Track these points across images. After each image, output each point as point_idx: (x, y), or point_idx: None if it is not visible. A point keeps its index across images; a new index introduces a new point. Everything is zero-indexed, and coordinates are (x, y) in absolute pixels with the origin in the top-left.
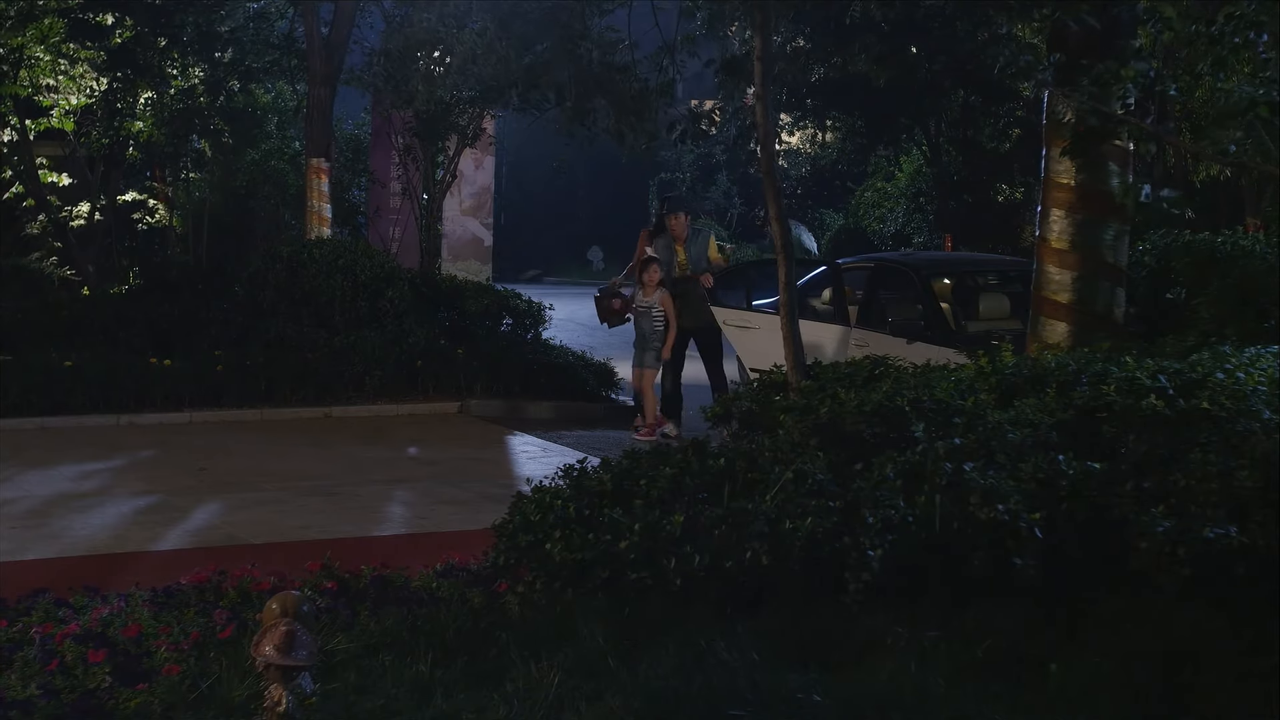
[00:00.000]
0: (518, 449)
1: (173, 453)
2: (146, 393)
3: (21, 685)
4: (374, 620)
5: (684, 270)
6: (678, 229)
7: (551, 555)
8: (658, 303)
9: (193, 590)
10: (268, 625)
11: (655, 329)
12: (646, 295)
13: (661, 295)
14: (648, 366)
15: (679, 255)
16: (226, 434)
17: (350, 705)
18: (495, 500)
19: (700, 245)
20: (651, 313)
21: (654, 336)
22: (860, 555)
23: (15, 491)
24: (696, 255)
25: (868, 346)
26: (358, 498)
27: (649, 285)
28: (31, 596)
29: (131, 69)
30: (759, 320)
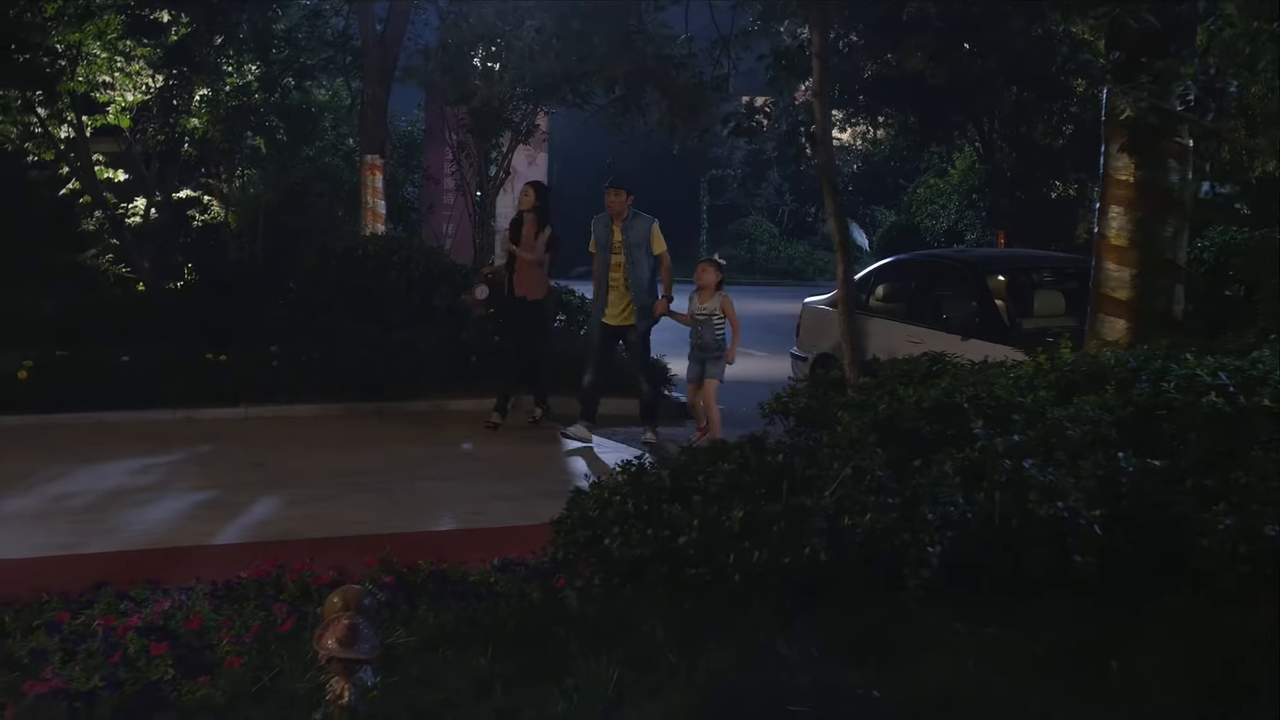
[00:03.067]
0: (572, 444)
1: (229, 448)
2: (202, 388)
3: (85, 677)
4: (433, 614)
5: (619, 252)
6: (615, 205)
7: (610, 551)
8: (717, 309)
9: (252, 584)
10: (330, 619)
11: (717, 336)
12: (704, 300)
13: (722, 300)
14: (711, 376)
15: (615, 235)
16: (282, 429)
17: (413, 699)
18: (549, 496)
19: (640, 231)
20: (712, 320)
21: (715, 345)
22: (920, 551)
23: (74, 486)
24: (635, 240)
25: (922, 343)
26: (412, 493)
27: (706, 289)
28: (93, 589)
29: (187, 66)
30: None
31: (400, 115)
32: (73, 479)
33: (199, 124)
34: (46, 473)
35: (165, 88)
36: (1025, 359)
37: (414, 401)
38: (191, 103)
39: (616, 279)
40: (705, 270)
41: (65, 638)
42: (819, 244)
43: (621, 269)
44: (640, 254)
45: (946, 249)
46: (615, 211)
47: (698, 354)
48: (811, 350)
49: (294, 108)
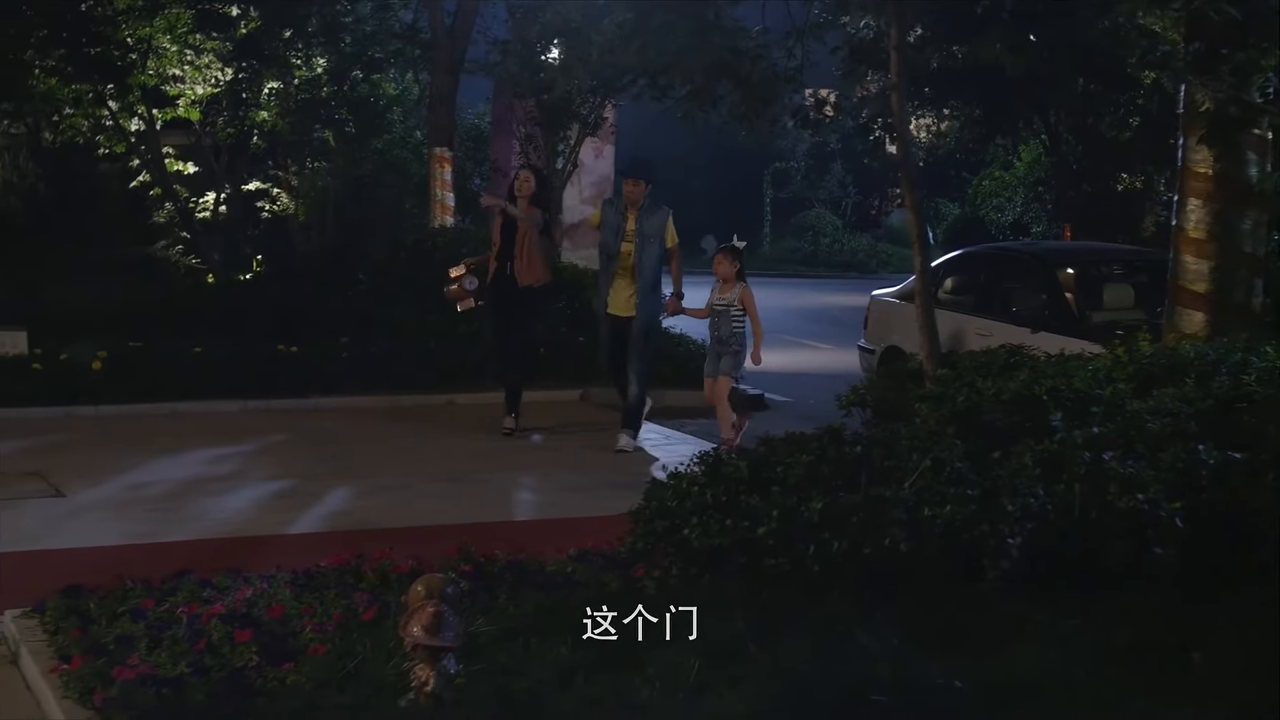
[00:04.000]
0: (641, 436)
1: (301, 438)
2: (273, 379)
3: (172, 663)
4: (512, 604)
5: (630, 240)
6: (633, 195)
7: (689, 541)
8: (736, 300)
9: (332, 573)
10: (415, 607)
11: (735, 330)
12: (723, 292)
13: (741, 290)
14: (724, 373)
15: (628, 223)
16: (352, 420)
17: (499, 686)
18: (619, 487)
19: (657, 222)
20: (730, 312)
21: (733, 339)
22: (999, 543)
23: (150, 476)
24: (650, 231)
25: (991, 336)
26: (483, 484)
27: (725, 280)
28: (175, 577)
29: (256, 59)
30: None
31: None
32: (149, 468)
33: (268, 117)
34: (123, 462)
35: (235, 81)
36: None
37: (483, 393)
38: (261, 96)
39: (625, 267)
40: (721, 261)
41: (150, 624)
42: (882, 237)
43: (630, 257)
44: (653, 245)
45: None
46: (633, 201)
47: (715, 347)
48: (879, 343)
49: (362, 100)
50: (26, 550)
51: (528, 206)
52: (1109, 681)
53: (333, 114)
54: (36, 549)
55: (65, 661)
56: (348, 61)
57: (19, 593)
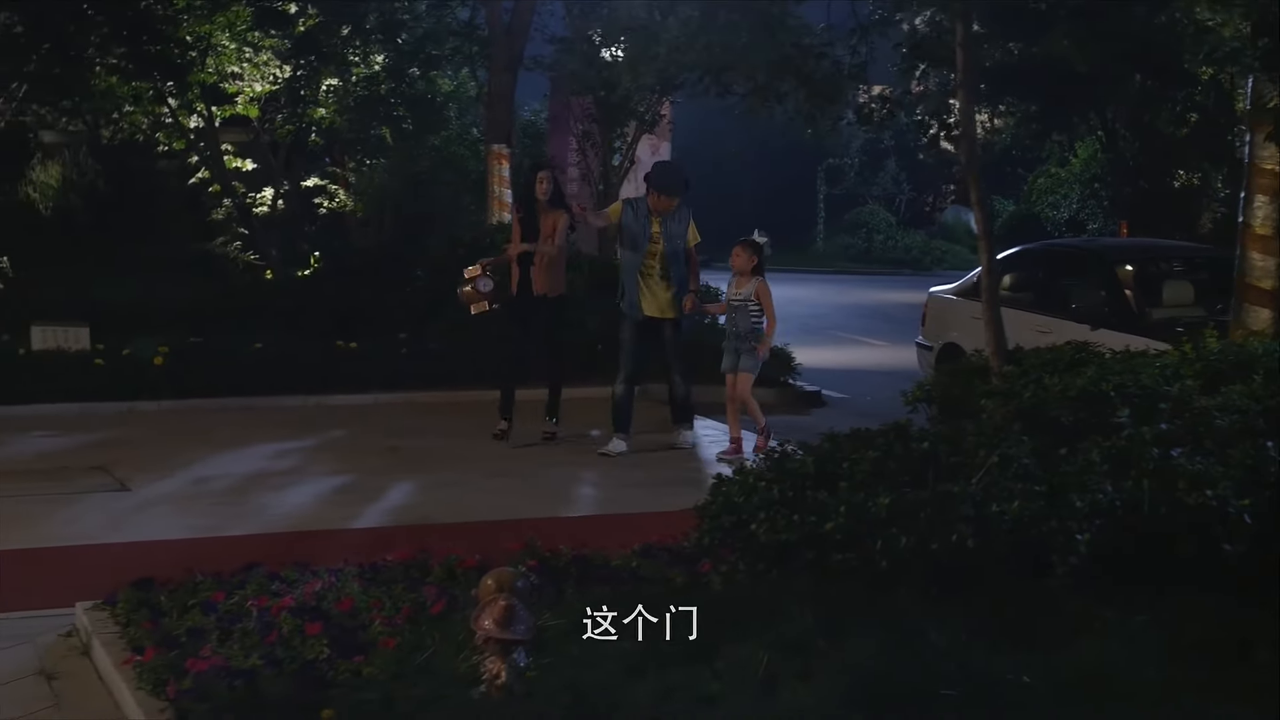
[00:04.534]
0: (699, 432)
1: (360, 434)
2: (332, 375)
3: (244, 655)
4: (579, 598)
5: (658, 243)
6: (663, 209)
7: (756, 536)
8: (752, 294)
9: (399, 567)
10: (486, 600)
11: (754, 326)
12: (739, 286)
13: (757, 285)
14: (744, 370)
15: (654, 227)
16: (411, 416)
17: (571, 679)
18: (678, 483)
19: (681, 222)
20: (747, 306)
21: (751, 335)
22: (1068, 539)
23: (212, 470)
24: (676, 232)
25: (1050, 333)
26: (543, 479)
27: (741, 273)
28: (244, 570)
29: (315, 56)
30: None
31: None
32: (211, 463)
33: (326, 114)
34: (185, 456)
35: (293, 78)
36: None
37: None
38: (319, 93)
39: (652, 269)
40: (738, 254)
41: (221, 617)
42: (936, 233)
43: (659, 259)
44: (680, 246)
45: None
46: (659, 210)
47: (732, 343)
48: (937, 340)
49: (419, 97)
50: (94, 544)
51: (547, 208)
52: (1178, 678)
53: (390, 111)
54: (104, 542)
55: (138, 653)
56: (405, 59)
57: (89, 585)
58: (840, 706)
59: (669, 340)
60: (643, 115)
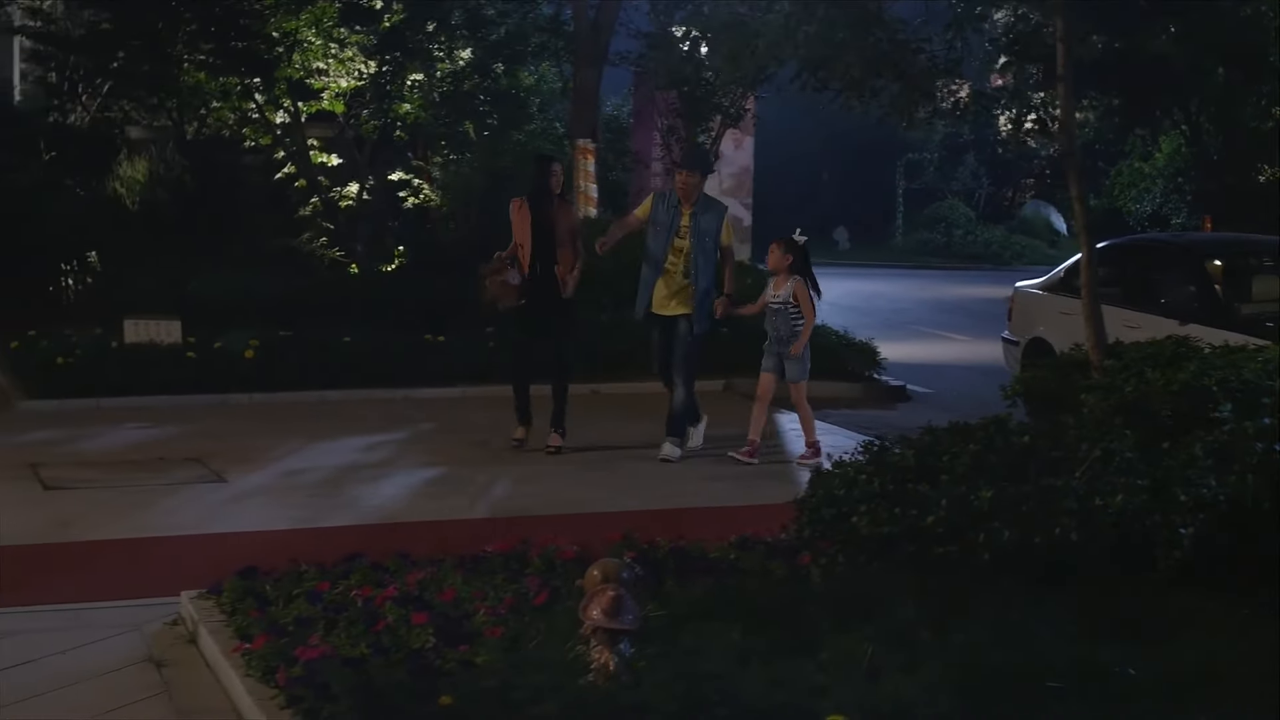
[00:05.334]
0: (785, 426)
1: (449, 427)
2: (420, 368)
3: (351, 643)
4: (680, 589)
5: (685, 238)
6: (688, 188)
7: (858, 529)
8: (791, 295)
9: (499, 558)
10: (593, 591)
11: (795, 329)
12: (777, 287)
13: (795, 285)
14: (791, 379)
15: (683, 219)
16: (500, 409)
17: (683, 668)
18: (768, 476)
19: (713, 219)
20: (787, 310)
21: (793, 338)
22: (1171, 533)
23: (305, 462)
24: (706, 227)
25: (1139, 328)
26: (632, 472)
27: (779, 273)
28: (346, 561)
29: (400, 52)
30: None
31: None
32: (304, 455)
33: (410, 109)
34: (279, 449)
35: (378, 74)
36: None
37: (627, 382)
38: (404, 88)
39: (675, 265)
40: (773, 251)
41: (326, 606)
42: (1015, 228)
43: (683, 256)
44: (708, 243)
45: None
46: (687, 195)
47: (774, 347)
48: (1023, 335)
49: (504, 93)
50: (194, 534)
51: (560, 202)
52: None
53: (476, 106)
54: (203, 533)
55: (245, 641)
56: (490, 54)
57: (191, 575)
58: (947, 698)
59: (679, 339)
60: (727, 109)
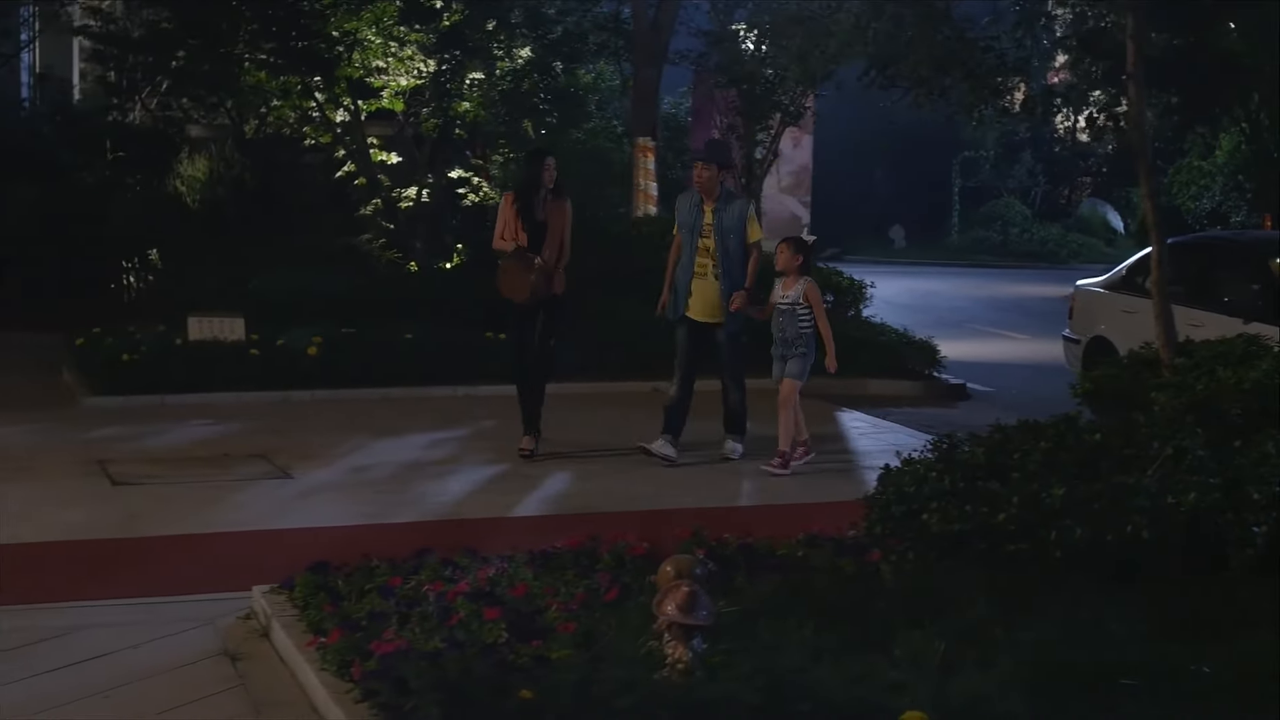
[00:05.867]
0: (847, 424)
1: (511, 423)
2: (480, 366)
3: (425, 638)
4: (749, 586)
5: (709, 236)
6: (705, 182)
7: (928, 526)
8: (800, 297)
9: (569, 554)
10: (668, 586)
11: (802, 331)
12: (785, 288)
13: (805, 286)
14: (789, 376)
15: (705, 216)
16: (560, 407)
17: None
18: (831, 474)
19: (735, 214)
20: (796, 311)
21: (800, 341)
22: (1244, 530)
23: (371, 459)
24: (729, 223)
25: (1202, 326)
26: (694, 469)
27: (788, 274)
28: (416, 556)
29: (460, 50)
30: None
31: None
32: (369, 451)
33: (470, 107)
34: (343, 446)
35: (438, 72)
36: None
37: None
38: (463, 87)
39: (705, 266)
40: (782, 252)
41: (399, 601)
42: (1072, 226)
43: (711, 255)
44: (733, 240)
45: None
46: (705, 189)
47: (779, 349)
48: (1085, 333)
49: (562, 91)
50: (263, 529)
51: (551, 199)
52: None
53: (535, 105)
54: (272, 528)
55: (319, 635)
56: (550, 53)
57: (260, 569)
58: (1021, 695)
59: (720, 345)
60: (787, 108)
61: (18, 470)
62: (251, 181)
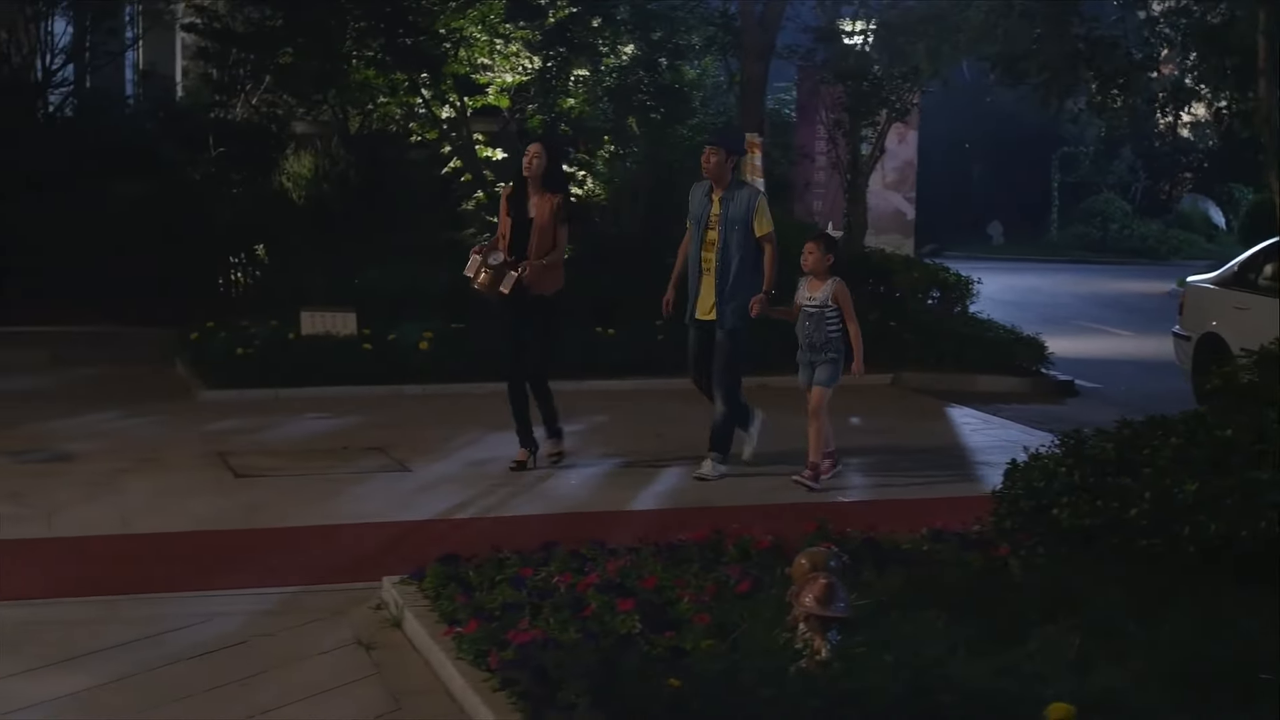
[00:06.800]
0: (958, 421)
1: (624, 418)
2: (591, 360)
3: (560, 629)
4: (878, 579)
5: (714, 229)
6: (711, 167)
7: (1059, 521)
8: (829, 299)
9: (695, 547)
10: (805, 579)
11: (830, 335)
12: (812, 289)
13: (835, 287)
14: (818, 384)
15: (713, 206)
16: (672, 401)
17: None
18: (947, 469)
19: (743, 204)
20: (824, 314)
21: (829, 346)
22: None
23: (485, 452)
24: (735, 214)
25: None
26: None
27: (815, 275)
28: (544, 548)
29: (565, 47)
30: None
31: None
32: (483, 445)
33: (575, 103)
34: (457, 439)
35: (543, 69)
36: None
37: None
38: (568, 83)
39: (710, 260)
40: (810, 251)
41: (531, 592)
42: (1173, 222)
43: (716, 249)
44: (737, 233)
45: None
46: (713, 175)
47: (805, 355)
48: (1196, 330)
49: (667, 87)
50: (386, 521)
51: (539, 191)
52: None
53: (641, 101)
54: (394, 520)
55: (454, 625)
56: (656, 49)
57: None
58: (1158, 688)
59: (717, 347)
60: (894, 103)
61: (143, 461)
62: (356, 178)
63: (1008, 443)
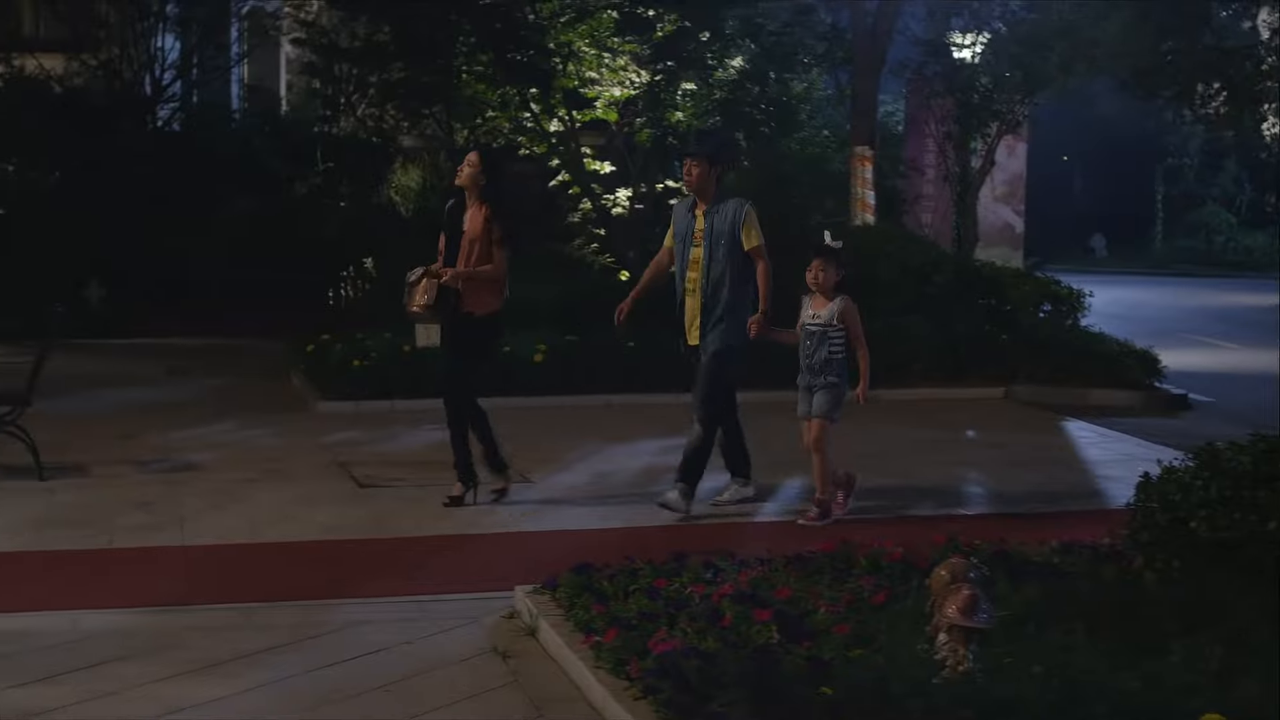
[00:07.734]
0: (1075, 434)
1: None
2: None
3: (699, 637)
4: (1012, 591)
5: (698, 245)
6: (693, 180)
7: (1196, 534)
8: (835, 318)
9: (824, 558)
10: (946, 590)
11: (833, 356)
12: (816, 307)
13: (842, 305)
14: (817, 414)
15: (697, 221)
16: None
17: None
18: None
19: (728, 216)
20: (828, 333)
21: (829, 369)
22: None
23: (607, 464)
24: (719, 227)
25: None
26: (924, 479)
27: (820, 292)
28: (675, 559)
29: (674, 61)
30: None
31: None
32: (603, 457)
33: (683, 117)
34: (576, 451)
35: (652, 82)
36: None
37: (902, 389)
38: (676, 96)
39: (694, 280)
40: (818, 267)
41: (666, 602)
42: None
43: (700, 268)
44: (723, 248)
45: None
46: (696, 189)
47: (805, 378)
48: None
49: (776, 100)
50: (512, 531)
51: (475, 202)
52: None
53: (750, 114)
54: (520, 530)
55: (591, 634)
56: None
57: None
58: None
59: (699, 373)
60: (1004, 116)
61: (268, 472)
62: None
63: (1125, 456)
